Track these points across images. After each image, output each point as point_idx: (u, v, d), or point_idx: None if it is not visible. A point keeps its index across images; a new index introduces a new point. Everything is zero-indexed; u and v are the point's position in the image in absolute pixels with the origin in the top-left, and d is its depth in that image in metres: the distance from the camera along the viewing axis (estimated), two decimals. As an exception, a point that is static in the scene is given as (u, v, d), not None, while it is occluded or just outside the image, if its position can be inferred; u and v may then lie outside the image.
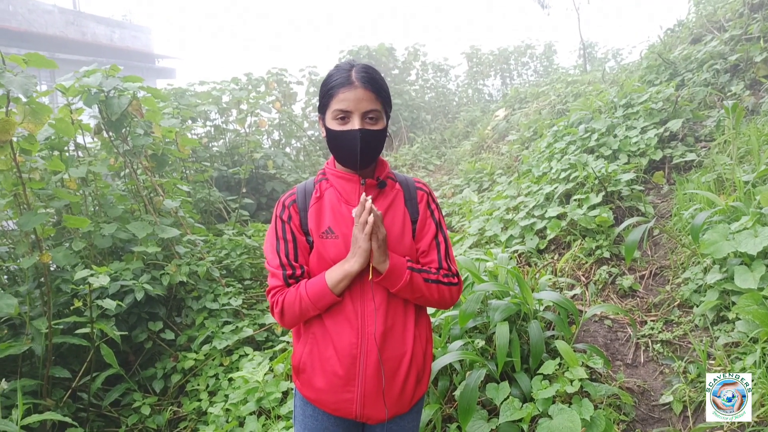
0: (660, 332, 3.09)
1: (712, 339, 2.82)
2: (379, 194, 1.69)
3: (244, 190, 6.74)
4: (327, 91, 1.60)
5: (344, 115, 1.58)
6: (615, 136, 5.04)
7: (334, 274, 1.58)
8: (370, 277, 1.60)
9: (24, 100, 3.00)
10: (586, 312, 2.83)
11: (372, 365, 1.62)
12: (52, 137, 3.81)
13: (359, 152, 1.58)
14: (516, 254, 4.20)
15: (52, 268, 3.74)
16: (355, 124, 1.57)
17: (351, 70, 1.58)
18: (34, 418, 2.66)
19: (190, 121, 6.54)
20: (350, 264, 1.56)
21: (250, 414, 3.12)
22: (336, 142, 1.61)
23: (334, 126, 1.59)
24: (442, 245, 1.71)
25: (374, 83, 1.59)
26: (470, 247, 4.71)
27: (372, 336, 1.61)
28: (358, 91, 1.56)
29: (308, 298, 1.59)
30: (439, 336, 2.82)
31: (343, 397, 1.64)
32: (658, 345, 3.01)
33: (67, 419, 2.84)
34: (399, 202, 1.71)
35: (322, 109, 1.64)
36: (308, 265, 1.67)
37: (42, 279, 3.51)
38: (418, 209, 1.72)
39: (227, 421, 3.27)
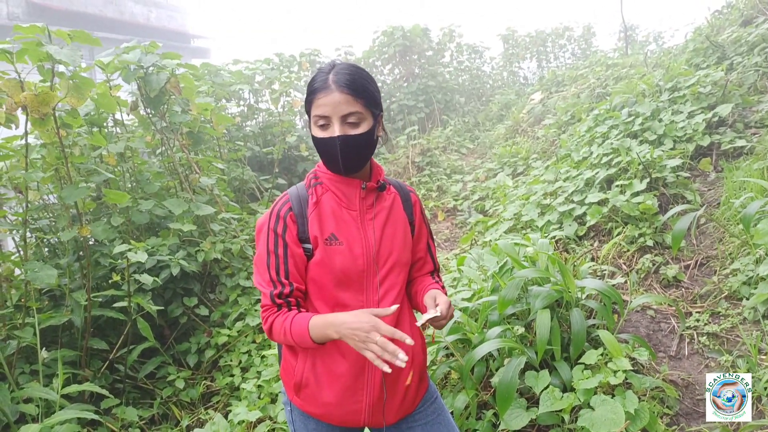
0: (706, 324, 2.98)
1: (763, 333, 2.70)
2: (378, 198, 1.63)
3: (276, 170, 6.74)
4: (307, 97, 1.52)
5: (324, 121, 1.49)
6: (660, 120, 4.84)
7: (320, 332, 1.45)
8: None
9: (68, 73, 3.01)
10: (631, 302, 2.74)
11: (380, 370, 1.53)
12: (92, 113, 3.84)
13: (340, 159, 1.50)
14: (554, 240, 4.10)
15: (90, 243, 3.80)
16: (335, 129, 1.48)
17: (330, 72, 1.49)
18: (74, 388, 2.72)
19: (224, 101, 6.53)
20: (348, 343, 1.42)
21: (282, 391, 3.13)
22: (319, 149, 1.54)
23: (317, 132, 1.51)
24: (432, 247, 1.80)
25: (352, 84, 1.48)
26: (506, 232, 4.63)
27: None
28: (335, 95, 1.46)
29: (291, 336, 1.49)
30: (476, 321, 2.76)
31: (352, 408, 1.57)
32: (704, 337, 2.89)
33: (104, 392, 2.89)
34: (398, 206, 1.67)
35: (308, 114, 1.56)
36: (301, 281, 1.56)
37: (81, 252, 3.56)
38: (414, 213, 1.71)
39: (259, 398, 3.30)
